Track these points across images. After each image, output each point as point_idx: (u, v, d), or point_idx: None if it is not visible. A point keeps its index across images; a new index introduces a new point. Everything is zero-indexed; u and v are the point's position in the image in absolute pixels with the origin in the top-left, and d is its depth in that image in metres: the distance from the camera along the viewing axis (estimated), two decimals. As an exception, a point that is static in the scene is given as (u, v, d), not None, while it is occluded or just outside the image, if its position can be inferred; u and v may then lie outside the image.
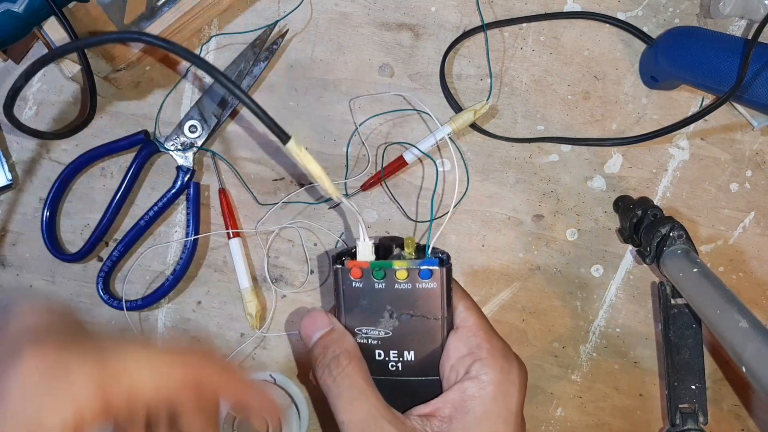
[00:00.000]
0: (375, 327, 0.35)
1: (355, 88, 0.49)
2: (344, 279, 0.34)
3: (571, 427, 0.49)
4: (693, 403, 0.45)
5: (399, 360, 0.35)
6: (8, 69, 0.50)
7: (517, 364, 0.36)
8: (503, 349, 0.35)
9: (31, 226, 0.49)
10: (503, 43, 0.49)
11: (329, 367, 0.34)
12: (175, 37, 0.48)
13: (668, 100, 0.49)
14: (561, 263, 0.49)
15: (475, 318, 0.36)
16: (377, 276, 0.34)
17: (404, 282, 0.34)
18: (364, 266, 0.34)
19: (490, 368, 0.34)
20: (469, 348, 0.35)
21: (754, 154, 0.49)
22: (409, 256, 0.35)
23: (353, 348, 0.35)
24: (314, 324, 0.36)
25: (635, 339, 0.49)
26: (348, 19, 0.50)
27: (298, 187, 0.49)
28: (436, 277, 0.34)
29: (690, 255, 0.44)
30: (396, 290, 0.34)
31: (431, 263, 0.34)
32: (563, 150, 0.49)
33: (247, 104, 0.31)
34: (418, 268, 0.33)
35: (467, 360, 0.34)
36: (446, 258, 0.35)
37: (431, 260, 0.34)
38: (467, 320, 0.36)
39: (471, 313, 0.36)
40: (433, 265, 0.33)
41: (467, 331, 0.35)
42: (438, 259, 0.34)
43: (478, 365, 0.34)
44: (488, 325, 0.36)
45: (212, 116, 0.48)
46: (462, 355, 0.35)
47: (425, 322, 0.35)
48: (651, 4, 0.49)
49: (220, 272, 0.49)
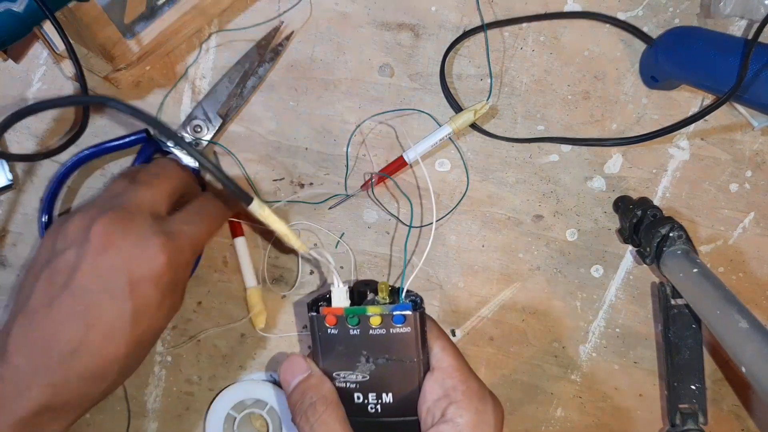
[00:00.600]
0: (352, 371, 0.35)
1: (355, 88, 0.49)
2: (320, 326, 0.35)
3: (571, 427, 0.49)
4: (693, 404, 0.45)
5: (378, 402, 0.36)
6: (8, 69, 0.50)
7: (492, 404, 0.36)
8: (479, 390, 0.35)
9: (31, 227, 0.49)
10: (503, 43, 0.49)
11: (306, 413, 0.35)
12: (175, 37, 0.48)
13: (668, 101, 0.49)
14: (561, 263, 0.49)
15: (450, 359, 0.36)
16: (352, 322, 0.34)
17: (378, 327, 0.34)
18: (339, 313, 0.34)
19: (465, 410, 0.34)
20: (444, 390, 0.35)
21: (754, 154, 0.49)
22: (383, 300, 0.35)
23: (330, 393, 0.36)
24: (293, 369, 0.37)
25: (635, 339, 0.49)
26: (348, 19, 0.50)
27: (298, 188, 0.49)
28: (410, 321, 0.34)
29: (690, 255, 0.44)
30: (371, 335, 0.34)
31: (404, 308, 0.34)
32: (563, 150, 0.49)
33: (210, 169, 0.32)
34: (392, 314, 0.34)
35: (443, 402, 0.35)
36: (419, 301, 0.35)
37: (404, 305, 0.34)
38: (442, 361, 0.36)
39: (446, 354, 0.36)
40: (406, 310, 0.34)
41: (442, 372, 0.35)
42: (411, 303, 0.34)
43: (453, 408, 0.34)
44: (464, 365, 0.36)
45: (217, 116, 0.48)
46: (437, 397, 0.35)
47: (401, 365, 0.35)
48: (651, 4, 0.49)
49: (220, 272, 0.49)
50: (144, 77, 0.50)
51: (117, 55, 0.47)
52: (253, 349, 0.50)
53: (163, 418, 0.50)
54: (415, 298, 0.35)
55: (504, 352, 0.49)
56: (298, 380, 0.36)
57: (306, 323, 0.50)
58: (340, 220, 0.49)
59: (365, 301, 0.36)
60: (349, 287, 0.35)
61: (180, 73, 0.50)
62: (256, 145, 0.49)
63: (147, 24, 0.47)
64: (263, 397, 0.48)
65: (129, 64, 0.47)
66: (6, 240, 0.50)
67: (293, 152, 0.49)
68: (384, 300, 0.35)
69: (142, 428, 0.50)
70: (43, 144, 0.50)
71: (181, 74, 0.50)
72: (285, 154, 0.49)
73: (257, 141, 0.49)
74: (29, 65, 0.49)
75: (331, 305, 0.35)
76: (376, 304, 0.35)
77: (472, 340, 0.49)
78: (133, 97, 0.50)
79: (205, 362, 0.50)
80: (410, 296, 0.35)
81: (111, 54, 0.47)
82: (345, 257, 0.49)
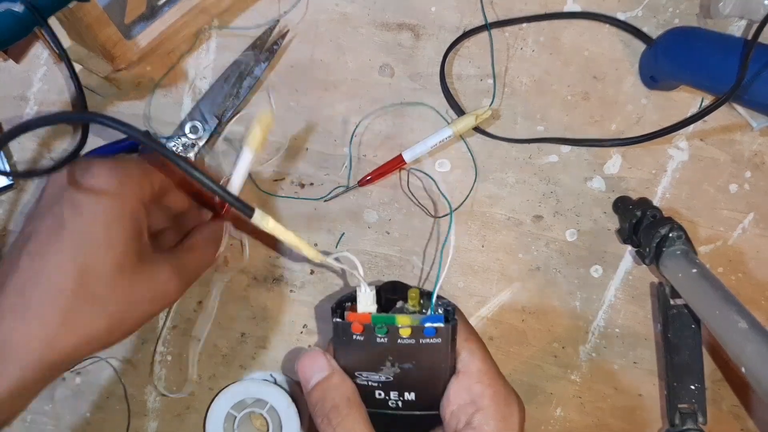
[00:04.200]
0: (376, 373, 0.34)
1: (355, 88, 0.49)
2: (344, 332, 0.33)
3: (571, 427, 0.49)
4: (692, 404, 0.46)
5: (399, 399, 0.35)
6: (9, 69, 0.50)
7: (518, 407, 0.35)
8: (505, 394, 0.35)
9: (31, 226, 0.49)
10: (503, 43, 0.50)
11: (329, 416, 0.34)
12: (175, 37, 0.48)
13: (668, 101, 0.49)
14: (560, 264, 0.49)
15: (478, 362, 0.35)
16: (380, 332, 0.32)
17: (408, 338, 0.32)
18: (366, 321, 0.32)
19: (492, 418, 0.33)
20: (471, 396, 0.34)
21: (754, 154, 0.49)
22: (413, 308, 0.33)
23: (353, 394, 0.34)
24: (312, 366, 0.35)
25: (634, 339, 0.49)
26: (348, 19, 0.50)
27: (298, 188, 0.49)
28: (441, 333, 0.32)
29: (689, 256, 0.44)
30: (399, 344, 0.33)
31: (436, 320, 0.32)
32: (563, 151, 0.49)
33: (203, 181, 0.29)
34: (423, 326, 0.32)
35: (469, 408, 0.34)
36: (452, 312, 0.33)
37: (436, 316, 0.32)
38: (470, 365, 0.35)
39: (474, 357, 0.35)
40: (439, 322, 0.32)
41: (470, 377, 0.34)
42: (443, 316, 0.32)
43: (480, 416, 0.33)
44: (491, 368, 0.35)
45: (213, 117, 0.48)
46: (464, 402, 0.34)
47: (428, 371, 0.34)
48: (650, 5, 0.50)
49: (221, 272, 0.49)
50: (144, 77, 0.50)
51: (117, 55, 0.47)
52: (253, 348, 0.50)
53: (163, 417, 0.50)
54: (448, 308, 0.33)
55: (504, 352, 0.50)
56: (317, 379, 0.35)
57: (305, 323, 0.50)
58: (341, 220, 0.49)
59: (394, 309, 0.34)
60: (375, 288, 0.33)
61: (180, 73, 0.50)
62: (257, 146, 0.49)
63: (147, 24, 0.47)
64: (263, 397, 0.48)
65: (129, 65, 0.47)
66: (6, 240, 0.50)
67: (293, 152, 0.49)
68: (414, 308, 0.33)
69: (142, 428, 0.50)
70: (44, 144, 0.50)
71: (182, 75, 0.50)
72: (285, 154, 0.49)
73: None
74: (30, 65, 0.49)
75: (357, 310, 0.33)
76: (405, 312, 0.33)
77: (472, 340, 0.49)
78: (133, 97, 0.50)
79: (205, 362, 0.50)
80: (442, 304, 0.33)
81: (111, 54, 0.47)
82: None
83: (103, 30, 0.47)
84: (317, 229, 0.49)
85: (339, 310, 0.34)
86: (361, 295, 0.33)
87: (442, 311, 0.33)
